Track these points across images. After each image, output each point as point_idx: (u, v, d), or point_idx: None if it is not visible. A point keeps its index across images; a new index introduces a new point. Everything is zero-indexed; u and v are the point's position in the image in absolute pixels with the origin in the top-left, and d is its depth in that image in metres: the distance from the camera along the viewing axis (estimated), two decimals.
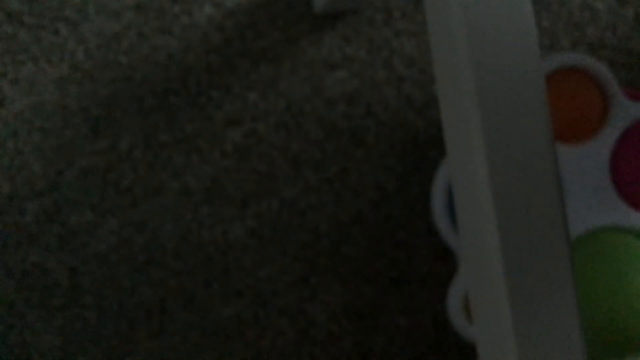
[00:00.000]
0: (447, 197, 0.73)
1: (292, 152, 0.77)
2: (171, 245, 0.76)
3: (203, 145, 0.76)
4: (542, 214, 0.43)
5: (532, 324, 0.43)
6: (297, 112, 0.77)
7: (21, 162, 0.75)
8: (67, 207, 0.75)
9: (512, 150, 0.44)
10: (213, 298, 0.76)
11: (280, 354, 0.76)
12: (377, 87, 0.78)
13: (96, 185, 0.76)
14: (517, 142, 0.44)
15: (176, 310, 0.76)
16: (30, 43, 0.76)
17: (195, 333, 0.76)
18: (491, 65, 0.44)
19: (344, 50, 0.78)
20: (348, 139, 0.78)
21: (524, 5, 0.44)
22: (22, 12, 0.76)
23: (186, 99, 0.77)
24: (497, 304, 0.44)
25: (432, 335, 0.77)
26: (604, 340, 0.71)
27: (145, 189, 0.76)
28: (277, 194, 0.77)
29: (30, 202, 0.75)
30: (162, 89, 0.77)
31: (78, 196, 0.76)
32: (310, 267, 0.77)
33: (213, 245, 0.77)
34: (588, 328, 0.70)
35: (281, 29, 0.78)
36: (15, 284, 0.75)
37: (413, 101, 0.78)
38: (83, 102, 0.76)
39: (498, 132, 0.44)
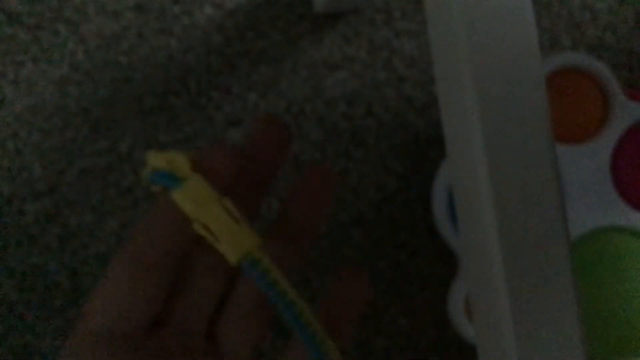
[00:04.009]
0: (448, 197, 0.73)
1: (292, 153, 0.77)
2: None
3: (203, 146, 0.76)
4: (542, 214, 0.43)
5: (532, 324, 0.43)
6: (297, 113, 0.77)
7: (21, 163, 0.75)
8: (68, 208, 0.75)
9: (512, 150, 0.44)
10: None
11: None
12: (378, 87, 0.78)
13: (96, 186, 0.76)
14: (517, 142, 0.44)
15: None
16: (30, 43, 0.76)
17: None
18: (491, 65, 0.44)
19: (344, 50, 0.78)
20: (348, 139, 0.78)
21: (524, 5, 0.44)
22: (22, 13, 0.76)
23: (186, 100, 0.77)
24: (497, 304, 0.44)
25: (433, 336, 0.77)
26: (604, 340, 0.71)
27: (145, 190, 0.76)
28: (277, 195, 0.77)
29: (30, 203, 0.75)
30: (162, 89, 0.77)
31: (78, 197, 0.76)
32: (311, 268, 0.77)
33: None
34: (588, 328, 0.70)
35: (281, 29, 0.78)
36: (15, 285, 0.75)
37: (413, 101, 0.78)
38: (83, 102, 0.76)
39: (498, 132, 0.44)
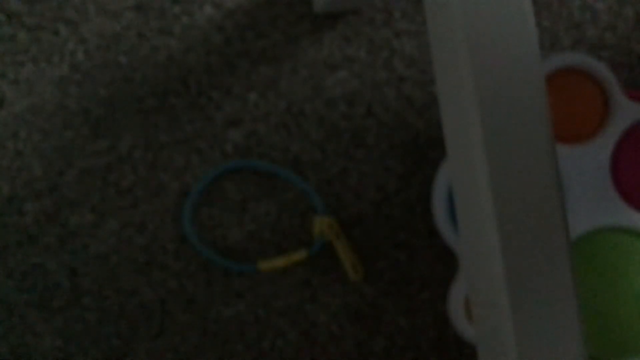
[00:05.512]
0: (448, 197, 0.73)
1: (292, 153, 0.77)
2: (171, 246, 0.76)
3: (203, 146, 0.76)
4: (542, 214, 0.43)
5: (532, 324, 0.43)
6: (297, 113, 0.77)
7: (21, 163, 0.75)
8: (67, 208, 0.75)
9: (512, 150, 0.44)
10: (213, 299, 0.76)
11: (281, 355, 0.76)
12: (378, 87, 0.78)
13: (96, 186, 0.76)
14: (517, 142, 0.44)
15: (176, 311, 0.76)
16: (30, 43, 0.76)
17: (195, 334, 0.76)
18: (491, 65, 0.44)
19: (344, 50, 0.78)
20: (348, 139, 0.78)
21: (524, 5, 0.44)
22: (22, 13, 0.76)
23: (186, 100, 0.77)
24: (497, 304, 0.44)
25: (432, 336, 0.77)
26: (604, 340, 0.71)
27: (145, 190, 0.76)
28: (277, 195, 0.77)
29: (30, 203, 0.75)
30: (162, 89, 0.77)
31: (78, 197, 0.75)
32: (311, 267, 0.77)
33: (213, 247, 0.77)
34: (588, 328, 0.70)
35: (281, 29, 0.78)
36: (15, 285, 0.75)
37: (413, 101, 0.78)
38: (83, 102, 0.76)
39: (498, 132, 0.44)
